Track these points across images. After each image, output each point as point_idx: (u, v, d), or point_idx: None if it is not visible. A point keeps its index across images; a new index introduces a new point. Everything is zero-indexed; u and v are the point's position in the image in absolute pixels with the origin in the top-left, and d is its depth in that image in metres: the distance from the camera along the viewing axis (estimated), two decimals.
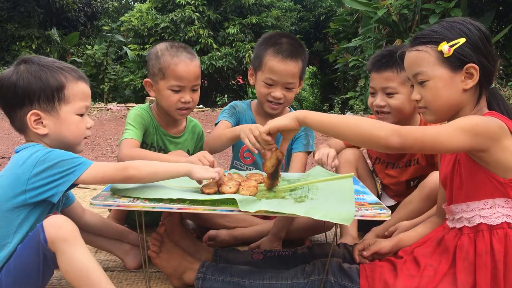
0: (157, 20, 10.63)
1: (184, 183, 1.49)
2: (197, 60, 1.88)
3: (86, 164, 1.26)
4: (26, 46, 11.94)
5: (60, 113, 1.34)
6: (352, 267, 1.41)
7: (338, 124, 1.27)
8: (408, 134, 1.18)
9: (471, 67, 1.26)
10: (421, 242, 1.42)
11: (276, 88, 1.91)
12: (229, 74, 10.95)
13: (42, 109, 1.31)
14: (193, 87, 1.87)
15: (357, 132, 1.23)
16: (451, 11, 6.89)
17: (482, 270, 1.23)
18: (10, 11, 12.14)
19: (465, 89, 1.28)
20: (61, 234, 1.18)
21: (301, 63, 1.93)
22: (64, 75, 1.34)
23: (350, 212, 1.19)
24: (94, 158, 4.26)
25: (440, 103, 1.31)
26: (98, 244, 1.65)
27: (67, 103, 1.34)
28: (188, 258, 1.51)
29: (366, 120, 1.26)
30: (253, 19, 10.73)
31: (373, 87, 1.89)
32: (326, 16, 12.78)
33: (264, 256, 1.61)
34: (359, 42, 8.77)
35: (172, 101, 1.84)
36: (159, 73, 1.84)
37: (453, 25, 1.29)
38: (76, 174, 1.24)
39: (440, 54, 1.28)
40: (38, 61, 1.34)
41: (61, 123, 1.34)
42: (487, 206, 1.26)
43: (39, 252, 1.19)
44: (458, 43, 1.26)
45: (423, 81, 1.32)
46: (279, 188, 1.48)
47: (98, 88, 11.82)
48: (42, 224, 1.20)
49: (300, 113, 1.33)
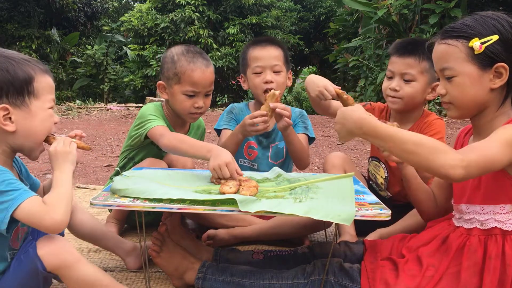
0: (157, 20, 10.64)
1: (184, 183, 1.49)
2: (212, 66, 1.92)
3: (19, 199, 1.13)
4: (26, 46, 11.93)
5: (31, 108, 1.23)
6: (354, 266, 1.40)
7: (394, 137, 1.15)
8: (471, 162, 1.10)
9: (501, 66, 1.22)
10: (427, 240, 1.40)
11: (265, 73, 2.03)
12: (229, 74, 10.96)
13: (11, 103, 1.20)
14: (206, 93, 1.90)
15: (415, 151, 1.13)
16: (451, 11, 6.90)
17: (490, 273, 1.22)
18: (10, 11, 12.13)
19: (492, 88, 1.25)
20: (62, 262, 1.17)
21: (281, 50, 2.08)
22: (31, 67, 1.25)
23: (350, 212, 1.19)
24: (94, 158, 4.26)
25: (465, 100, 1.28)
26: (100, 243, 1.64)
27: (37, 97, 1.24)
28: (189, 257, 1.51)
29: (427, 140, 1.14)
30: (253, 19, 10.73)
31: (392, 71, 1.89)
32: (326, 16, 12.78)
33: (265, 256, 1.61)
34: (359, 42, 8.78)
35: (186, 105, 1.87)
36: (174, 77, 1.86)
37: (487, 21, 1.23)
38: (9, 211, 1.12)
39: (471, 51, 1.23)
40: (2, 53, 1.24)
41: (32, 118, 1.24)
42: (503, 211, 1.24)
43: (37, 275, 1.18)
44: (490, 40, 1.21)
45: (450, 77, 1.28)
46: (279, 188, 1.48)
47: (98, 88, 11.83)
48: (37, 253, 1.16)
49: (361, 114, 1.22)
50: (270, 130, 2.09)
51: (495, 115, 1.29)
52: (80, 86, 12.01)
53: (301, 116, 2.14)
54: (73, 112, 8.51)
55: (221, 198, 1.27)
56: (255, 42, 2.11)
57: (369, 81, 7.86)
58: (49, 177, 3.35)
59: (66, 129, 6.05)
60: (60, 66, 12.57)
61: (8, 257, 1.24)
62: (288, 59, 2.13)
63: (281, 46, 2.10)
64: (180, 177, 1.59)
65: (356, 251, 1.57)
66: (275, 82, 2.02)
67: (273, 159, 2.12)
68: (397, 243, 1.50)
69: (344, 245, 1.60)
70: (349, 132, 1.23)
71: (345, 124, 1.23)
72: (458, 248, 1.30)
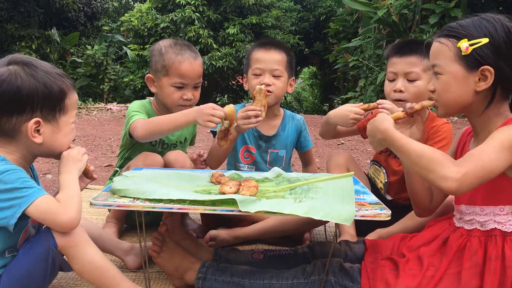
0: (157, 20, 10.63)
1: (184, 183, 1.49)
2: (200, 59, 1.94)
3: (33, 196, 1.17)
4: (26, 46, 11.93)
5: (59, 123, 1.30)
6: (354, 266, 1.41)
7: (402, 149, 1.23)
8: (467, 173, 1.11)
9: (486, 69, 1.22)
10: (428, 240, 1.40)
11: (264, 76, 2.02)
12: (229, 74, 10.95)
13: (43, 118, 1.27)
14: (195, 85, 1.91)
15: (417, 163, 1.19)
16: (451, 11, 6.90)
17: (490, 274, 1.22)
18: (10, 11, 12.13)
19: (477, 90, 1.25)
20: (72, 239, 1.22)
21: (285, 54, 2.06)
22: (65, 83, 1.31)
23: (350, 212, 1.19)
24: (94, 158, 4.26)
25: (448, 99, 1.30)
26: (97, 245, 1.63)
27: (65, 113, 1.31)
28: (189, 258, 1.51)
29: (428, 152, 1.18)
30: (253, 19, 10.72)
31: (394, 72, 1.86)
32: (326, 16, 12.78)
33: (265, 256, 1.61)
34: (359, 42, 8.78)
35: (174, 98, 1.88)
36: (162, 69, 1.87)
37: (481, 23, 1.24)
38: (22, 207, 1.16)
39: (459, 51, 1.24)
40: (40, 66, 1.28)
41: (58, 132, 1.31)
42: (503, 212, 1.25)
43: (47, 257, 1.20)
44: (479, 43, 1.21)
45: (437, 74, 1.31)
46: (279, 188, 1.48)
47: (98, 88, 11.82)
48: (49, 229, 1.21)
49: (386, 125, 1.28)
50: (271, 135, 2.10)
51: (488, 116, 1.28)
52: (80, 86, 11.99)
53: (305, 125, 2.17)
54: None
55: (221, 198, 1.27)
56: (260, 44, 2.10)
57: (369, 81, 7.86)
58: (49, 177, 3.36)
59: None
60: (60, 66, 12.55)
61: (6, 254, 1.24)
62: (292, 66, 2.11)
63: (286, 51, 2.07)
64: (180, 177, 1.58)
65: (357, 250, 1.57)
66: (274, 85, 2.01)
67: (271, 165, 2.10)
68: (398, 243, 1.50)
69: (344, 245, 1.60)
70: (379, 143, 1.32)
71: (375, 136, 1.32)
72: (458, 249, 1.30)
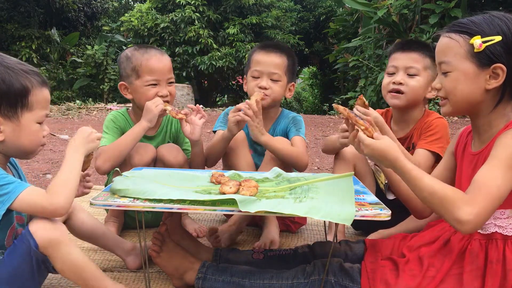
0: (157, 20, 10.64)
1: (184, 183, 1.49)
2: (167, 55, 1.97)
3: (15, 192, 1.16)
4: (26, 46, 11.91)
5: (21, 120, 1.24)
6: (354, 266, 1.40)
7: (414, 182, 1.22)
8: (480, 210, 1.12)
9: (498, 67, 1.20)
10: (428, 241, 1.40)
11: (262, 79, 2.00)
12: (229, 74, 10.96)
13: (2, 114, 1.21)
14: (168, 80, 1.92)
15: (429, 200, 1.19)
16: (451, 11, 6.90)
17: (491, 277, 1.22)
18: (10, 11, 12.12)
19: (487, 89, 1.23)
20: (52, 238, 1.20)
21: (286, 58, 2.03)
22: (29, 79, 1.24)
23: (350, 212, 1.20)
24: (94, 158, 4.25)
25: (458, 97, 1.27)
26: (100, 242, 1.64)
27: (29, 110, 1.24)
28: (189, 258, 1.51)
29: (438, 190, 1.17)
30: (253, 19, 10.73)
31: (395, 66, 1.91)
32: (326, 16, 12.77)
33: (265, 256, 1.61)
34: (359, 42, 8.78)
35: (150, 96, 1.88)
36: (132, 73, 1.89)
37: (494, 20, 1.22)
38: (6, 204, 1.15)
39: (471, 47, 1.22)
40: (2, 61, 1.23)
41: (20, 130, 1.24)
42: (504, 216, 1.24)
43: (31, 257, 1.19)
44: (492, 40, 1.19)
45: (446, 72, 1.28)
46: (279, 188, 1.48)
47: (98, 88, 11.81)
48: (29, 230, 1.19)
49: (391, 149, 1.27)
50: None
51: (493, 116, 1.27)
52: (80, 86, 11.98)
53: (293, 121, 2.08)
54: (73, 112, 8.50)
55: (221, 198, 1.27)
56: (262, 46, 2.08)
57: (369, 81, 7.86)
58: (49, 177, 3.35)
59: (66, 129, 6.05)
60: (60, 66, 12.55)
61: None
62: (293, 70, 2.07)
63: (288, 55, 2.04)
64: (180, 177, 1.59)
65: (357, 250, 1.57)
66: (271, 89, 1.98)
67: None
68: (398, 243, 1.49)
69: (345, 245, 1.60)
70: (387, 166, 1.30)
71: (380, 160, 1.31)
72: (460, 251, 1.29)
